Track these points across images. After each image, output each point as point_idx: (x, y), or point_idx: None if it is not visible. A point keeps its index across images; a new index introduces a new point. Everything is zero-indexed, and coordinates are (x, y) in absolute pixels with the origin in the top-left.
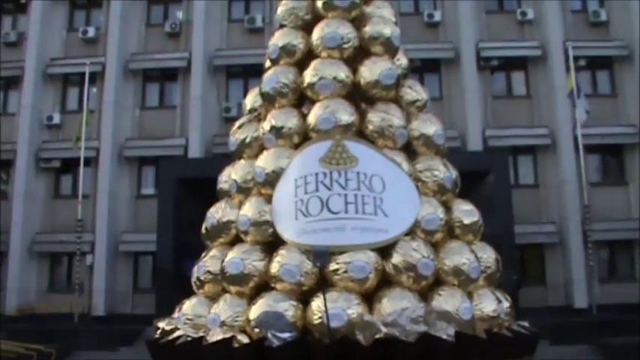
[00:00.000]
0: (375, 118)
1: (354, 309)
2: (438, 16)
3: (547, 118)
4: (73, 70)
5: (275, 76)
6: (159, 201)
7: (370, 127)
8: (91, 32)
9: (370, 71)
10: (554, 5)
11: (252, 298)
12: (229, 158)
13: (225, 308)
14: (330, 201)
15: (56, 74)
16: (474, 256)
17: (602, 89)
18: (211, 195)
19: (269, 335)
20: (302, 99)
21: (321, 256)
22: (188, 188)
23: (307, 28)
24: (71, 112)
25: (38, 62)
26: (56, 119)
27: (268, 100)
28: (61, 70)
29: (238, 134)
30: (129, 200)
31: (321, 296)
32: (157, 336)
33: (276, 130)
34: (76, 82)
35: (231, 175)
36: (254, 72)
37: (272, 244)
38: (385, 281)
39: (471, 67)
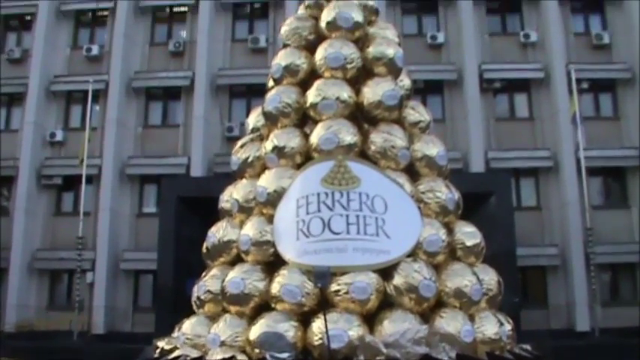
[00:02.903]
0: (377, 138)
1: (355, 330)
2: (441, 38)
3: (549, 141)
4: (76, 88)
5: (278, 96)
6: (160, 219)
7: (373, 147)
8: (95, 50)
9: (373, 92)
10: (557, 28)
11: (252, 318)
12: (231, 177)
13: (225, 328)
14: (332, 221)
15: (59, 91)
16: (475, 278)
17: (605, 112)
18: (213, 214)
19: (268, 356)
20: (305, 119)
21: (322, 276)
22: (190, 207)
23: (311, 48)
24: (74, 130)
25: (42, 79)
26: (59, 136)
27: (271, 119)
28: (65, 88)
29: (240, 153)
30: (130, 218)
31: (322, 317)
32: (156, 355)
33: (279, 150)
34: (79, 99)
35: (233, 194)
36: (257, 91)
37: (273, 264)
38: (386, 303)
39: (474, 89)
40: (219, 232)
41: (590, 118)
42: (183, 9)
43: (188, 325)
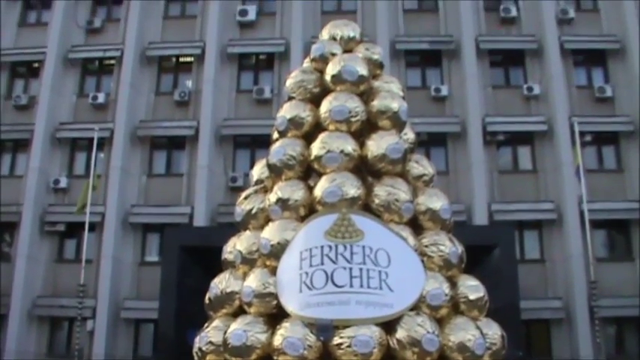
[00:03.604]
0: (381, 192)
1: None
2: (445, 90)
3: (553, 193)
4: (81, 135)
5: (282, 148)
6: (162, 268)
7: (376, 200)
8: (101, 98)
9: (377, 145)
10: (560, 81)
11: None
12: (234, 227)
13: None
14: (335, 274)
15: (65, 138)
16: (479, 333)
17: (608, 164)
18: (215, 264)
19: None
20: (309, 171)
21: (325, 329)
22: (192, 256)
23: (315, 100)
24: (78, 177)
25: (47, 126)
26: (63, 183)
27: (275, 172)
28: (70, 135)
29: (244, 205)
30: (132, 266)
31: None
32: None
33: (283, 202)
34: (84, 146)
35: (236, 245)
36: (261, 142)
37: (276, 316)
38: (389, 356)
39: (478, 141)
40: (222, 283)
41: (593, 171)
42: (189, 59)
43: None
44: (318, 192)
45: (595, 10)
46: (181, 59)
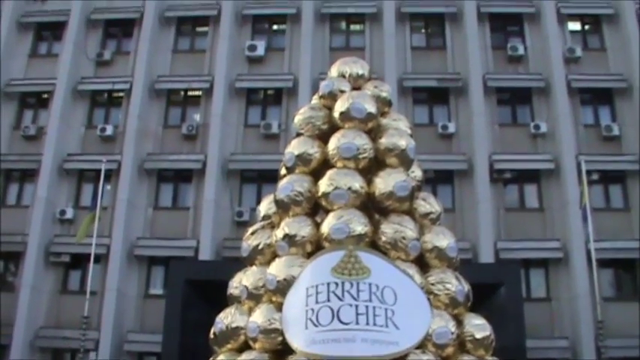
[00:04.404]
0: (388, 229)
1: None
2: (452, 128)
3: (560, 231)
4: (88, 167)
5: (290, 185)
6: (167, 301)
7: (383, 238)
8: (109, 130)
9: (385, 183)
10: (567, 119)
11: None
12: (240, 262)
13: None
14: (341, 311)
15: (72, 169)
16: None
17: (615, 203)
18: (220, 298)
19: None
20: (316, 208)
21: None
22: (197, 290)
23: (324, 137)
24: (84, 208)
25: (55, 156)
26: (69, 214)
27: (282, 207)
28: (77, 166)
29: (251, 240)
30: (136, 299)
31: None
32: None
33: (289, 238)
34: (91, 178)
35: (243, 280)
36: (268, 177)
37: (281, 352)
38: None
39: (484, 179)
40: (227, 318)
41: (600, 210)
42: (197, 93)
43: None
44: (325, 229)
45: (602, 49)
46: (190, 93)
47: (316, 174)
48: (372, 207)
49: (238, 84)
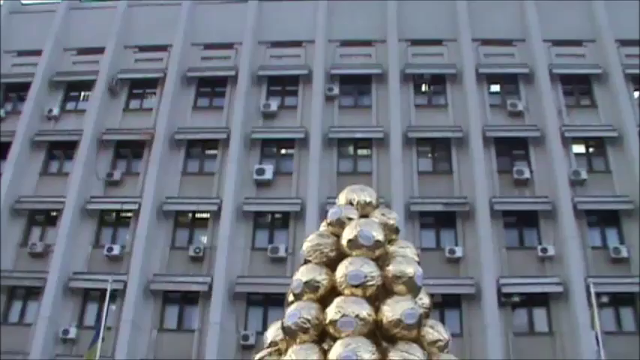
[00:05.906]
0: (396, 357)
1: None
2: (459, 252)
3: (570, 355)
4: (94, 286)
5: (298, 312)
6: None
7: None
8: (116, 250)
9: (393, 310)
10: (574, 242)
11: None
12: None
13: None
14: None
15: (77, 288)
16: None
17: (627, 326)
18: None
19: None
20: (324, 335)
21: None
22: None
23: (331, 264)
24: (88, 328)
25: (61, 275)
26: (72, 333)
27: (290, 334)
28: (83, 285)
29: None
30: None
31: None
32: None
33: None
34: (96, 297)
35: None
36: (275, 301)
37: None
38: None
39: (492, 303)
40: None
41: (611, 333)
42: (205, 215)
43: None
44: (332, 356)
45: (607, 171)
46: (197, 215)
47: (324, 301)
48: (380, 335)
49: (246, 207)
